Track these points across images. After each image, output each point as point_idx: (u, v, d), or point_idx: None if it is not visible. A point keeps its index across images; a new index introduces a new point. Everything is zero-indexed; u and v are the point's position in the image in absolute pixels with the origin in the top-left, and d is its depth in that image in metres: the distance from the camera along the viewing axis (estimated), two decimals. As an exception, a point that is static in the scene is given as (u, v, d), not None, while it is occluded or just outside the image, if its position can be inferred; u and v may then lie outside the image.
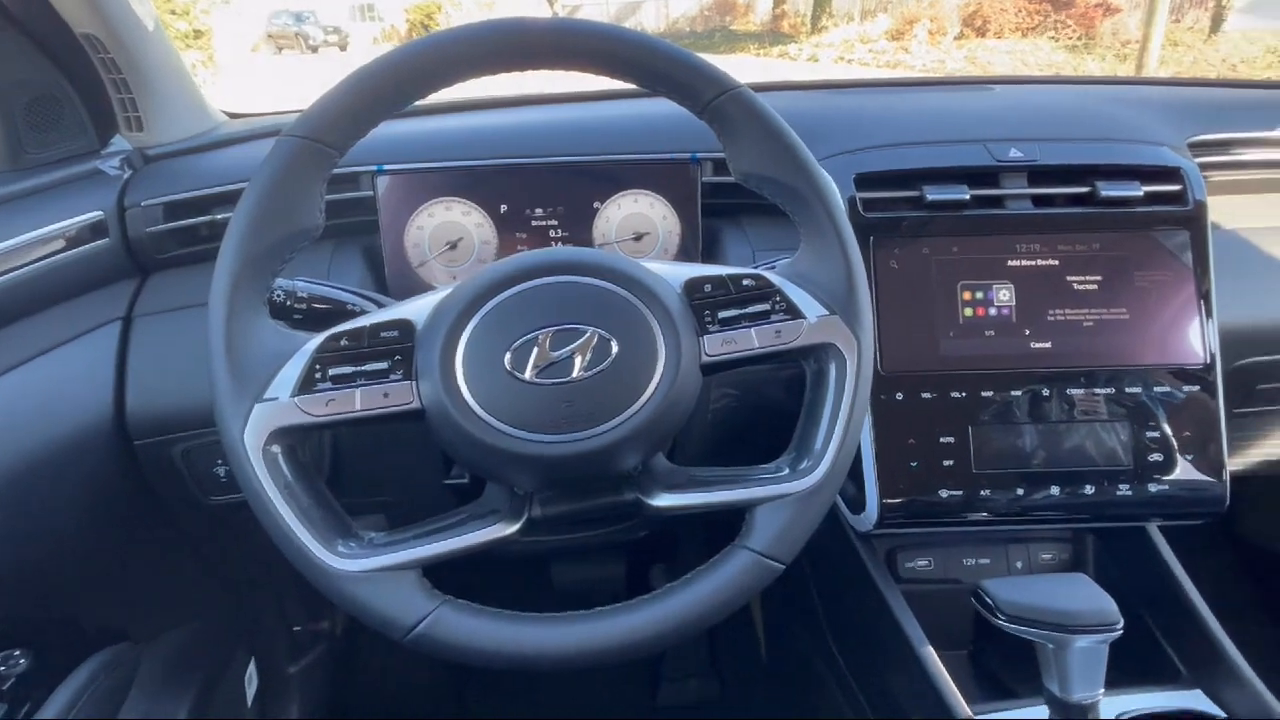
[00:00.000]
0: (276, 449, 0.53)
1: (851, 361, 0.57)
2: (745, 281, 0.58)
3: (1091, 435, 0.80)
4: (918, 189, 0.82)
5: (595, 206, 0.88)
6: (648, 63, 0.56)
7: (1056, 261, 0.82)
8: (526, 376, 0.52)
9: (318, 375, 0.53)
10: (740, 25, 17.84)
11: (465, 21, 0.58)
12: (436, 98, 0.58)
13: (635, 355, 0.54)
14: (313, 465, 0.56)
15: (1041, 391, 0.80)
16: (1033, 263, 0.82)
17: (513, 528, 0.56)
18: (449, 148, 0.91)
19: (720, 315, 0.57)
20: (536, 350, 0.52)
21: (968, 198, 0.81)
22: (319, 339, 0.54)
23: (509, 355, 0.52)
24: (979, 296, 0.81)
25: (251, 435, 0.52)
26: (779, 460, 0.59)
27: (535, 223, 0.88)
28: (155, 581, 1.02)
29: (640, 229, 0.88)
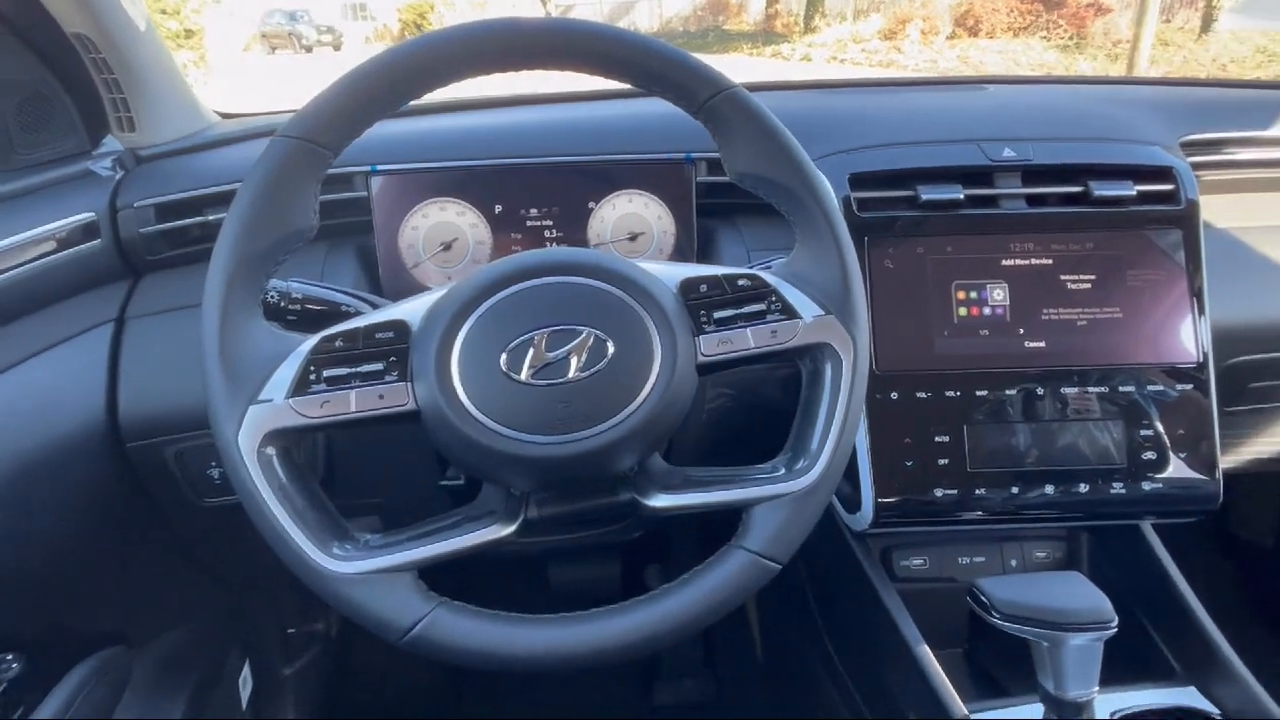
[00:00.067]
0: (271, 451, 0.52)
1: (847, 361, 0.57)
2: (741, 282, 0.58)
3: (1085, 434, 0.80)
4: (912, 189, 0.82)
5: (590, 206, 0.88)
6: (642, 63, 0.56)
7: (1050, 261, 0.82)
8: (522, 377, 0.52)
9: (312, 377, 0.53)
10: (733, 25, 17.85)
11: (458, 21, 0.58)
12: (431, 98, 0.58)
13: (631, 356, 0.53)
14: (307, 467, 0.55)
15: (1036, 390, 0.81)
16: (1026, 262, 0.82)
17: (509, 529, 0.56)
18: (443, 148, 0.91)
19: (716, 315, 0.57)
20: (532, 351, 0.52)
21: (962, 197, 0.82)
22: (313, 340, 0.54)
23: (505, 356, 0.52)
24: (973, 296, 0.82)
25: (246, 437, 0.51)
26: (775, 460, 0.59)
27: (530, 223, 0.88)
28: (149, 584, 1.01)
29: (635, 229, 0.88)
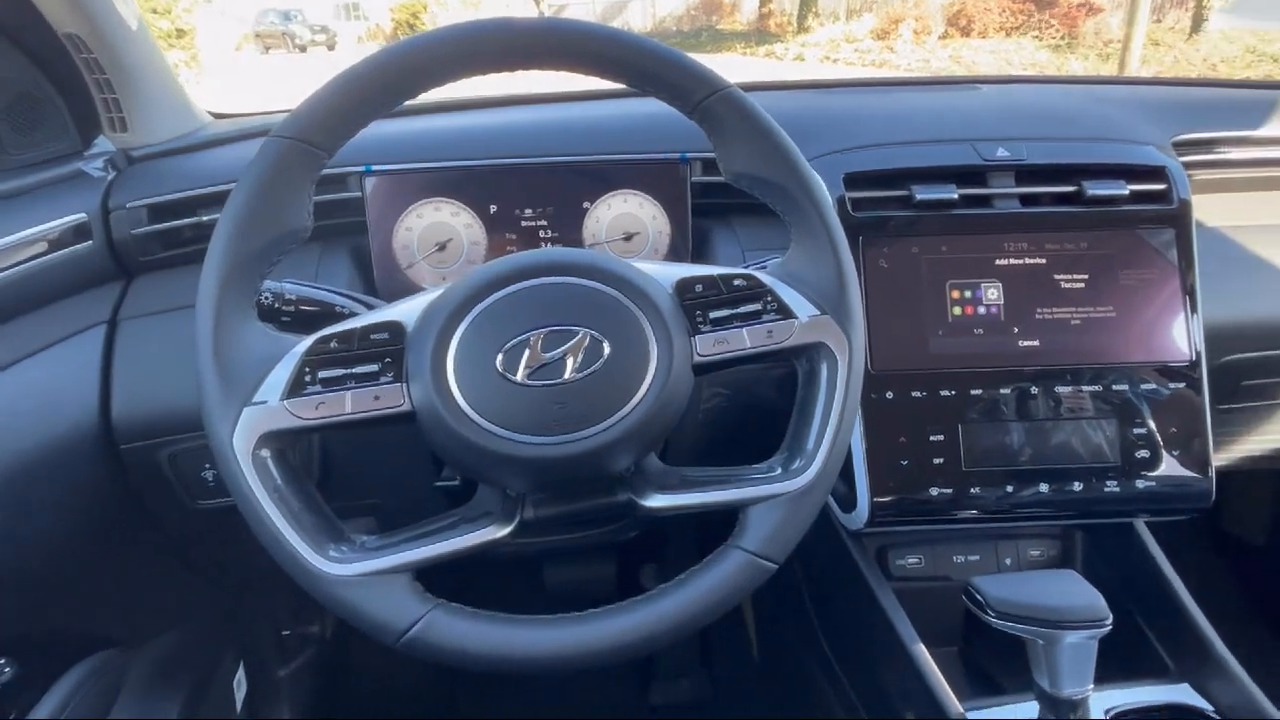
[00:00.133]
0: (266, 453, 0.52)
1: (843, 361, 0.58)
2: (737, 281, 0.58)
3: (1079, 432, 0.81)
4: (906, 188, 0.82)
5: (585, 207, 0.88)
6: (637, 62, 0.56)
7: (1044, 260, 0.83)
8: (518, 378, 0.52)
9: (307, 378, 0.52)
10: (727, 25, 17.85)
11: (451, 21, 0.58)
12: (425, 98, 0.57)
13: (627, 356, 0.53)
14: (302, 469, 0.55)
15: (1030, 389, 0.81)
16: (1020, 261, 0.83)
17: (505, 530, 0.56)
18: (437, 148, 0.91)
19: (712, 315, 0.57)
20: (528, 352, 0.52)
21: (956, 197, 0.82)
22: (308, 341, 0.54)
23: (501, 357, 0.52)
24: (968, 295, 0.82)
25: (241, 439, 0.51)
26: (771, 460, 0.59)
27: (525, 223, 0.88)
28: (143, 586, 1.01)
29: (630, 229, 0.88)
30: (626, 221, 0.88)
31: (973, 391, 0.80)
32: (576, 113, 1.03)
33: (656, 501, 0.58)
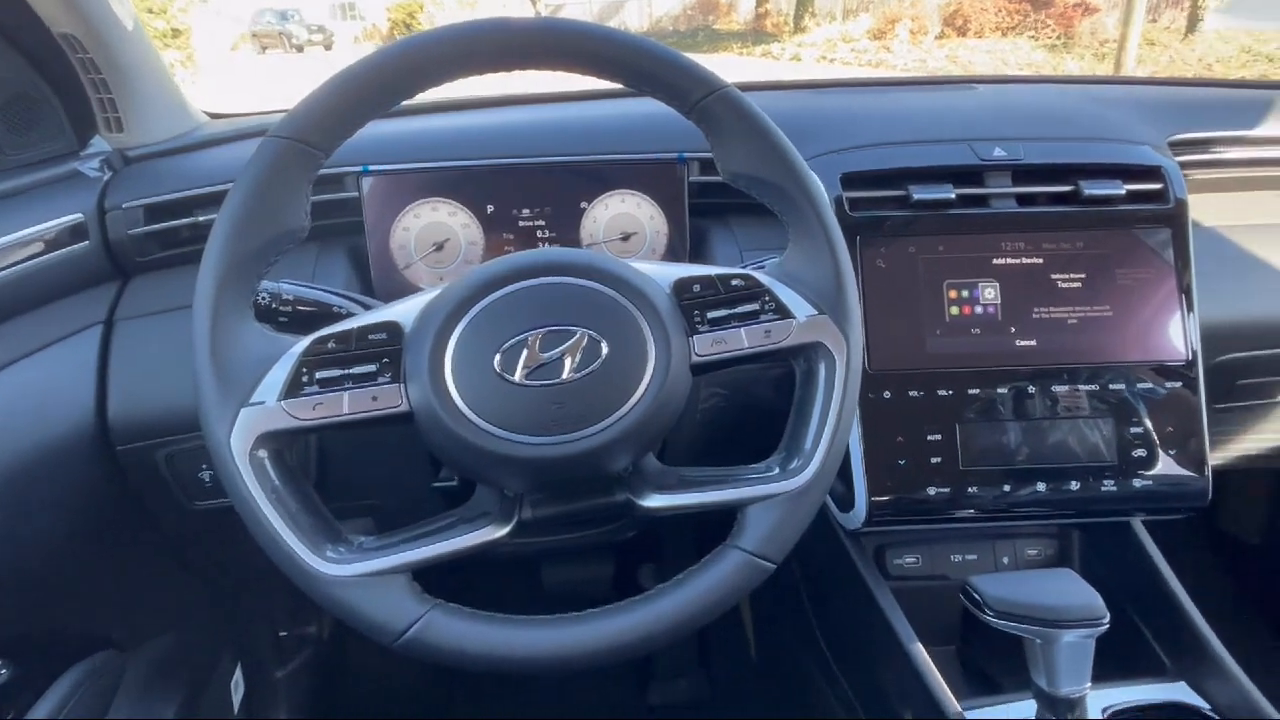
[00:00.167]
0: (263, 453, 0.52)
1: (841, 361, 0.58)
2: (734, 281, 0.58)
3: (1076, 432, 0.81)
4: (903, 188, 0.82)
5: (582, 206, 0.88)
6: (634, 62, 0.56)
7: (1041, 260, 0.83)
8: (516, 378, 0.52)
9: (304, 379, 0.52)
10: (723, 24, 17.86)
11: (448, 21, 0.58)
12: (422, 97, 0.57)
13: (625, 356, 0.53)
14: (300, 469, 0.55)
15: (1027, 389, 0.81)
16: (1017, 261, 0.83)
17: (503, 530, 0.56)
18: (435, 148, 0.90)
19: (710, 315, 0.57)
20: (526, 352, 0.52)
21: (953, 197, 0.82)
22: (305, 342, 0.53)
23: (498, 357, 0.52)
24: (965, 295, 0.82)
25: (238, 440, 0.51)
26: (769, 460, 0.59)
27: (522, 223, 0.88)
28: (140, 587, 1.01)
29: (628, 229, 0.88)
30: (624, 221, 0.88)
31: (970, 391, 0.81)
32: (574, 113, 1.03)
33: (654, 501, 0.58)
